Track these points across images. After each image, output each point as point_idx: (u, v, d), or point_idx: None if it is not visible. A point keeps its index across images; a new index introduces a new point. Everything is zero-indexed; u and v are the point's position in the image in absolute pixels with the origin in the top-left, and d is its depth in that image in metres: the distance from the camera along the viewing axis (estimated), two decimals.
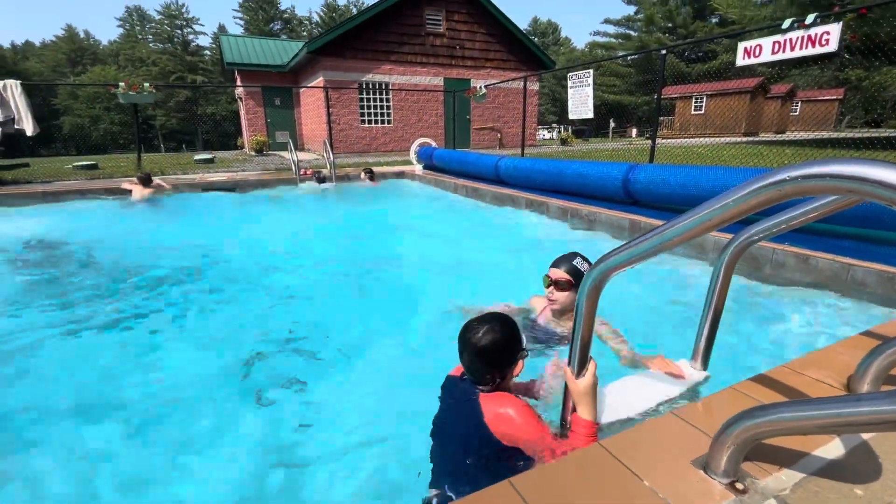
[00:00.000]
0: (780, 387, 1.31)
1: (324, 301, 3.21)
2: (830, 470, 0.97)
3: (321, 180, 8.17)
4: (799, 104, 28.21)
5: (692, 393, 1.50)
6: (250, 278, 3.61)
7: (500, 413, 1.25)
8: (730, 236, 1.45)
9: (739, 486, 0.92)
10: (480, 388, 1.33)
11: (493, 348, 1.27)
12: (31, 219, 5.63)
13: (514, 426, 1.24)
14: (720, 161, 8.81)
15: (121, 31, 47.64)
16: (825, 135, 18.85)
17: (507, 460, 1.23)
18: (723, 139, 18.45)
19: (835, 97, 26.14)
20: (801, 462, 0.99)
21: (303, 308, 3.07)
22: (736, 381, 1.35)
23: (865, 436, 1.08)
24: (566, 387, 1.30)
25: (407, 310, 2.95)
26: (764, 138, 20.09)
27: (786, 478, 0.95)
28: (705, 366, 1.59)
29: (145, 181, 7.05)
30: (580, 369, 1.25)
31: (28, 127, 7.54)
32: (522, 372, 1.38)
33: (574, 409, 1.28)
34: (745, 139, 19.18)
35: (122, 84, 8.02)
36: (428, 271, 3.72)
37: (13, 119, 7.46)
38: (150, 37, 46.76)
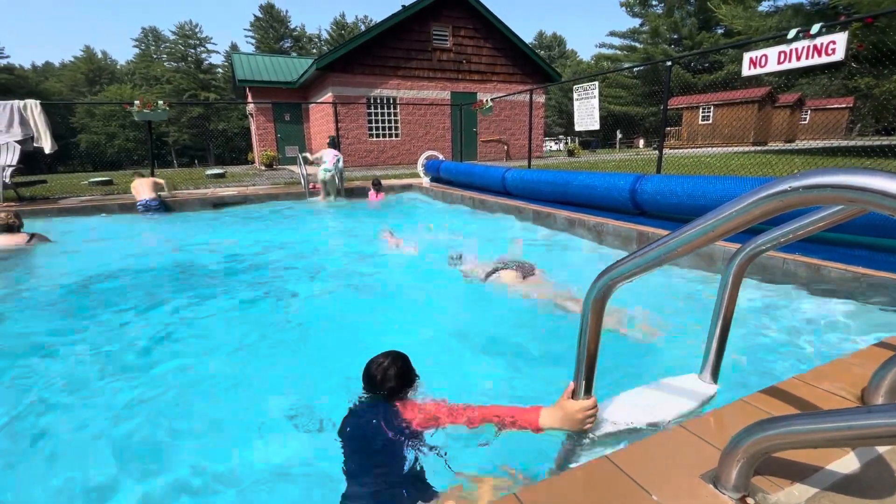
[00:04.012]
0: (791, 399, 1.29)
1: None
2: (845, 484, 0.95)
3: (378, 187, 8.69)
4: (808, 113, 28.02)
5: (702, 405, 1.48)
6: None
7: (411, 407, 1.47)
8: (738, 246, 1.44)
9: (750, 500, 0.91)
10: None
11: (398, 373, 1.52)
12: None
13: (422, 408, 1.47)
14: (728, 171, 8.76)
15: (137, 50, 49.06)
16: (835, 143, 18.69)
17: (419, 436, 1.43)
18: (731, 149, 18.36)
19: (844, 105, 25.94)
20: (814, 476, 0.97)
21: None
22: (746, 393, 1.33)
23: (881, 449, 1.06)
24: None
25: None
26: (773, 147, 19.96)
27: (798, 493, 0.93)
28: (715, 378, 1.57)
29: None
30: (587, 389, 1.22)
31: (46, 145, 7.76)
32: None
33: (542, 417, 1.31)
34: (754, 148, 19.07)
35: (136, 102, 8.22)
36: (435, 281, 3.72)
37: (32, 137, 7.68)
38: (165, 56, 48.06)
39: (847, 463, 1.01)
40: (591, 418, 1.24)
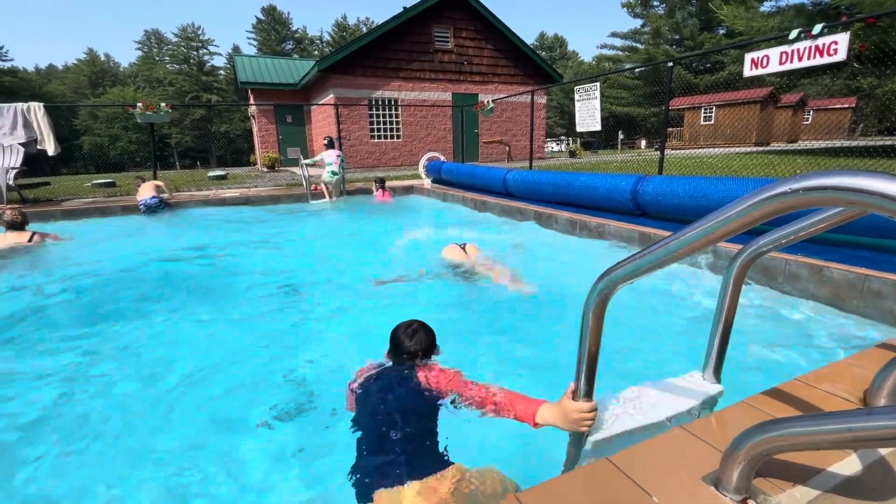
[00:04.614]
0: (793, 400, 1.29)
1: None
2: (846, 487, 0.94)
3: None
4: (811, 113, 27.94)
5: (703, 407, 1.47)
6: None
7: (430, 371, 1.53)
8: (739, 247, 1.44)
9: (751, 503, 0.90)
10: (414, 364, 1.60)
11: (426, 335, 1.65)
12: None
13: (442, 373, 1.52)
14: (730, 172, 8.74)
15: (139, 53, 49.27)
16: (838, 143, 18.62)
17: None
18: (733, 149, 18.31)
19: (847, 105, 25.83)
20: (815, 478, 0.96)
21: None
22: (748, 394, 1.33)
23: (883, 451, 1.05)
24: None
25: None
26: (775, 148, 19.90)
27: (800, 495, 0.92)
28: (717, 378, 1.56)
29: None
30: (587, 391, 1.21)
31: (50, 147, 7.80)
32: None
33: (544, 412, 1.30)
34: (756, 149, 19.02)
35: (139, 104, 8.25)
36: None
37: (36, 140, 7.72)
38: (167, 58, 48.23)
39: (849, 465, 1.00)
40: (589, 421, 1.23)
